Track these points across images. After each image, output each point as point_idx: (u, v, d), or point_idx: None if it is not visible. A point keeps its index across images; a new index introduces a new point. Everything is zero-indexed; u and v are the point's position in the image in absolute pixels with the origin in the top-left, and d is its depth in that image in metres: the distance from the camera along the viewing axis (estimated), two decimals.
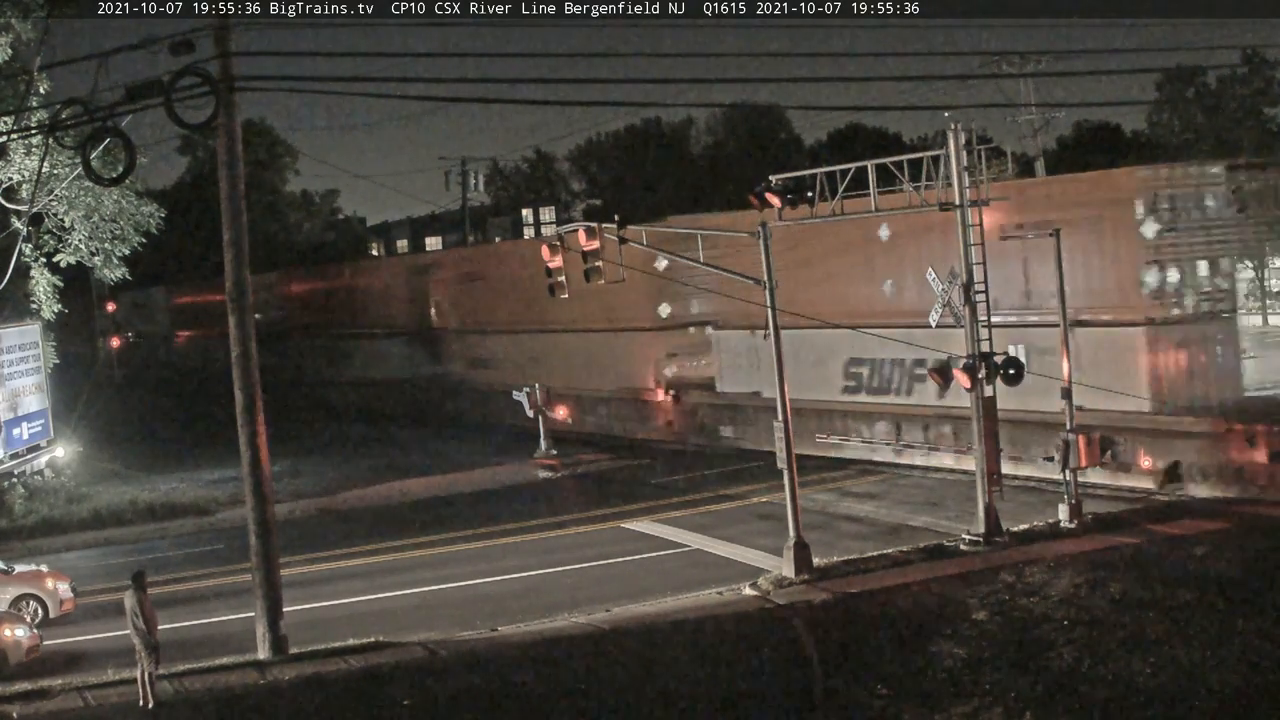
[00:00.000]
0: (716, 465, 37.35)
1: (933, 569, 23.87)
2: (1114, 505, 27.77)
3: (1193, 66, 76.03)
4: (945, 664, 18.83)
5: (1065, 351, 26.44)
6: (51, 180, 32.44)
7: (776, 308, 24.84)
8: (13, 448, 37.30)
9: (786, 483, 24.54)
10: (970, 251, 25.71)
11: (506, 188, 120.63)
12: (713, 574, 25.04)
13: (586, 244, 25.93)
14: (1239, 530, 24.66)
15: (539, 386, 40.57)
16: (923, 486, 32.23)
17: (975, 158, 26.47)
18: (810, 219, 27.58)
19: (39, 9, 31.70)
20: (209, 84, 20.10)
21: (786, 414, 24.66)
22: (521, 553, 28.55)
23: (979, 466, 25.57)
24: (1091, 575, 22.14)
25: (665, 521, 30.57)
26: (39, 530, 33.69)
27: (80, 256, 36.04)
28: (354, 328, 62.12)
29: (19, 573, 24.96)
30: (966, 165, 25.86)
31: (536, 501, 34.89)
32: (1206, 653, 18.16)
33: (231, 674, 20.51)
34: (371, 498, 37.19)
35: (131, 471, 41.85)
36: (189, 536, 33.33)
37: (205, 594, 26.55)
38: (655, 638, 21.03)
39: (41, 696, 19.70)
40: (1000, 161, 45.68)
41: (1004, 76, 61.54)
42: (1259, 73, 77.45)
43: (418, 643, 21.57)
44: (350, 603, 25.24)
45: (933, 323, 26.43)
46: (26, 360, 38.52)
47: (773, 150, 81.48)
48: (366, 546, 30.30)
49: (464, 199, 70.50)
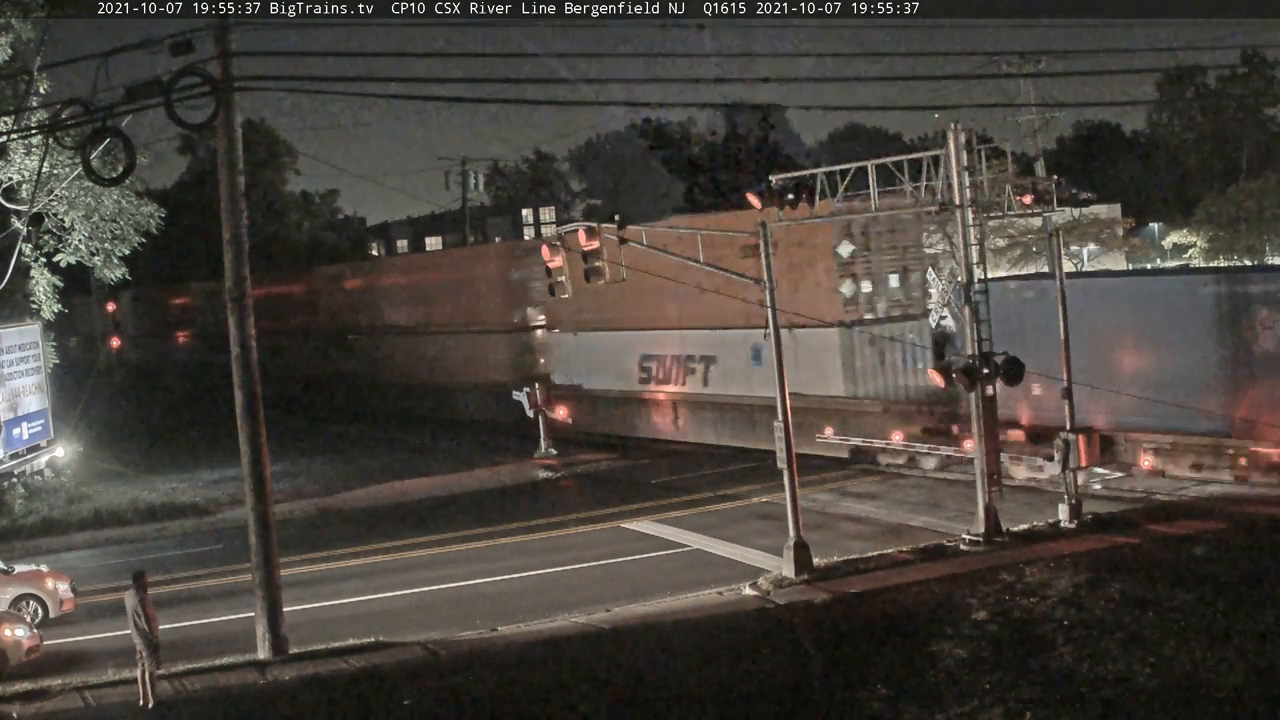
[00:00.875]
0: (717, 465, 37.38)
1: (933, 569, 23.88)
2: (1113, 505, 27.81)
3: (1193, 66, 76.01)
4: (945, 664, 18.82)
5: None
6: (51, 180, 32.47)
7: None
8: (13, 448, 37.30)
9: (787, 483, 24.56)
10: (970, 251, 25.72)
11: (506, 188, 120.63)
12: (713, 574, 25.05)
13: (586, 244, 25.92)
14: (1239, 530, 24.67)
15: (539, 386, 40.64)
16: (923, 486, 32.25)
17: (975, 158, 26.48)
18: (809, 220, 27.57)
19: (39, 9, 31.76)
20: (209, 84, 20.10)
21: (786, 414, 24.66)
22: (521, 553, 28.56)
23: (979, 466, 25.59)
24: (1091, 575, 22.14)
25: (665, 521, 30.58)
26: (39, 530, 33.71)
27: (80, 256, 36.08)
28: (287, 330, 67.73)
29: (19, 573, 24.98)
30: (966, 165, 25.86)
31: (536, 501, 34.91)
32: (1206, 653, 18.14)
33: (231, 674, 20.53)
34: (372, 497, 37.19)
35: (131, 471, 41.88)
36: (189, 536, 33.35)
37: (205, 594, 26.57)
38: (655, 638, 21.04)
39: (41, 696, 19.71)
40: (1000, 161, 45.67)
41: (1004, 76, 61.52)
42: (1259, 73, 77.49)
43: (418, 643, 21.58)
44: (350, 603, 25.25)
45: (933, 322, 26.45)
46: (26, 360, 38.51)
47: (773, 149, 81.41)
48: (366, 546, 30.31)
49: (464, 199, 70.55)
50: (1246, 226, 61.31)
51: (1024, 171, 55.27)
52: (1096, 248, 62.13)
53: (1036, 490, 29.21)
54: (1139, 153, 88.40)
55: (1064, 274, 27.69)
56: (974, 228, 25.94)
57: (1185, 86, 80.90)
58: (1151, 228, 75.56)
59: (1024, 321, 29.79)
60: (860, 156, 29.01)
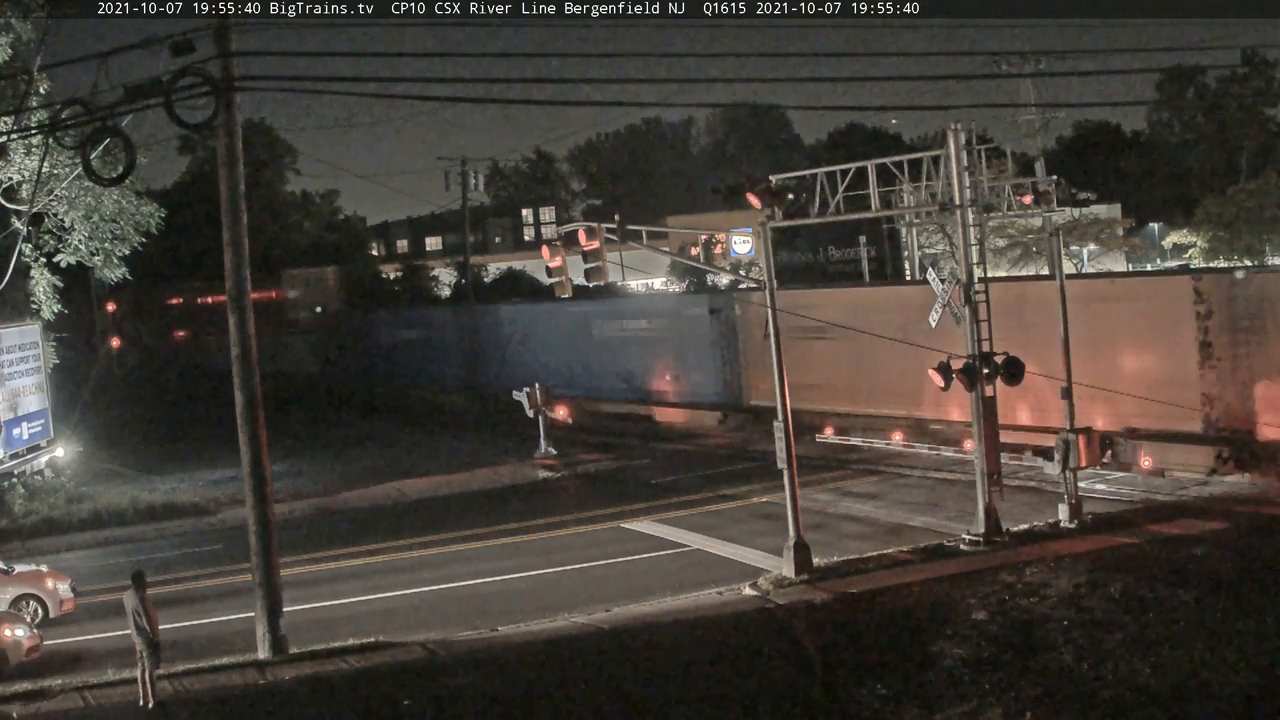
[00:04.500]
0: (717, 465, 37.39)
1: (933, 569, 23.87)
2: (1113, 505, 27.80)
3: (1193, 66, 76.06)
4: (945, 664, 18.83)
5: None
6: (51, 180, 32.46)
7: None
8: (13, 448, 37.29)
9: (787, 483, 24.55)
10: (970, 251, 25.71)
11: (506, 188, 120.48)
12: (713, 574, 25.04)
13: (586, 244, 25.91)
14: (1239, 530, 24.67)
15: (539, 386, 40.65)
16: (923, 486, 32.25)
17: (975, 157, 26.48)
18: (809, 220, 27.58)
19: (39, 9, 31.74)
20: (209, 84, 20.10)
21: (787, 414, 24.66)
22: (521, 553, 28.55)
23: (979, 466, 25.58)
24: (1091, 575, 22.13)
25: (665, 521, 30.57)
26: (39, 530, 33.67)
27: (80, 256, 36.05)
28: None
29: (19, 573, 24.96)
30: (966, 165, 25.85)
31: (536, 501, 34.88)
32: (1207, 653, 18.15)
33: (231, 674, 20.52)
34: (371, 497, 37.19)
35: (131, 471, 41.86)
36: (189, 536, 33.31)
37: (205, 594, 26.55)
38: (655, 638, 21.03)
39: (41, 696, 19.69)
40: (1000, 161, 45.59)
41: (1004, 76, 61.54)
42: (1259, 73, 77.47)
43: (418, 643, 21.57)
44: (350, 603, 25.25)
45: (933, 322, 26.44)
46: (26, 360, 38.50)
47: (773, 149, 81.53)
48: (366, 546, 30.31)
49: (464, 199, 70.55)
50: (1246, 227, 61.37)
51: (1024, 171, 55.28)
52: (1096, 248, 62.17)
53: (1037, 490, 29.21)
54: (1139, 153, 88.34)
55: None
56: (974, 228, 25.93)
57: (1185, 86, 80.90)
58: (1151, 228, 75.57)
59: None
60: (860, 156, 29.02)
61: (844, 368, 36.97)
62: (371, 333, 70.19)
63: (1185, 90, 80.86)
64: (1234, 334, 28.72)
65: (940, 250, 54.95)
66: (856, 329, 32.62)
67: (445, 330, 63.13)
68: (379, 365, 67.57)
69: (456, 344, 60.93)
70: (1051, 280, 27.95)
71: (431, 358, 62.84)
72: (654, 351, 47.35)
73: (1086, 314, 29.21)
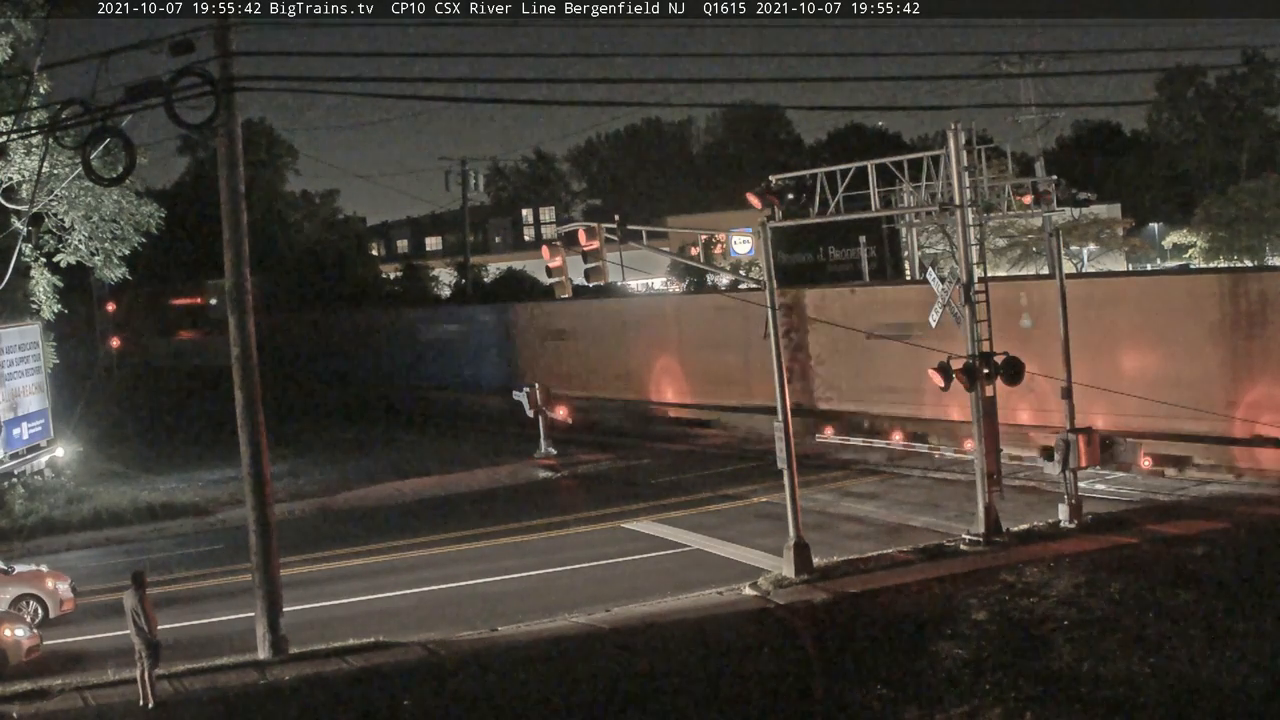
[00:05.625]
0: (717, 465, 37.39)
1: (933, 569, 23.87)
2: (1113, 505, 27.81)
3: (1193, 66, 76.08)
4: (945, 664, 18.83)
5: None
6: (51, 180, 32.43)
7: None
8: (13, 448, 37.28)
9: (786, 483, 24.54)
10: (970, 251, 25.71)
11: (506, 188, 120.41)
12: (713, 574, 25.04)
13: (586, 244, 25.91)
14: (1239, 530, 24.67)
15: (539, 386, 40.63)
16: (923, 486, 32.26)
17: (975, 157, 26.49)
18: (809, 220, 27.57)
19: (39, 9, 31.73)
20: (209, 84, 20.08)
21: (787, 414, 24.65)
22: (521, 553, 28.54)
23: (979, 466, 25.58)
24: (1091, 575, 22.14)
25: (665, 521, 30.56)
26: (39, 530, 33.63)
27: (80, 256, 36.03)
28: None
29: (19, 573, 24.95)
30: (966, 165, 25.85)
31: (536, 501, 34.87)
32: (1207, 653, 18.16)
33: (231, 674, 20.51)
34: (372, 497, 37.18)
35: (131, 471, 41.83)
36: (189, 536, 33.29)
37: (205, 594, 26.55)
38: (655, 638, 21.03)
39: (41, 696, 19.69)
40: (1000, 161, 45.57)
41: (1004, 76, 61.54)
42: (1259, 73, 77.45)
43: (418, 643, 21.57)
44: (350, 603, 25.24)
45: (933, 322, 26.45)
46: (26, 360, 38.49)
47: (773, 149, 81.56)
48: (366, 546, 30.30)
49: (464, 199, 70.56)
50: (1246, 226, 61.39)
51: (1024, 171, 55.31)
52: (1096, 248, 62.15)
53: (1037, 490, 29.21)
54: (1139, 153, 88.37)
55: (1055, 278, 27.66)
56: (974, 228, 25.92)
57: (1185, 86, 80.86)
58: (1151, 228, 75.56)
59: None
60: (860, 157, 29.02)
61: (578, 360, 51.01)
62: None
63: (1185, 90, 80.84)
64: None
65: (940, 250, 54.95)
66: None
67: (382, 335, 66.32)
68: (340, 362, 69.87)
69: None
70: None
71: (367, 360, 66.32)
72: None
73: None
